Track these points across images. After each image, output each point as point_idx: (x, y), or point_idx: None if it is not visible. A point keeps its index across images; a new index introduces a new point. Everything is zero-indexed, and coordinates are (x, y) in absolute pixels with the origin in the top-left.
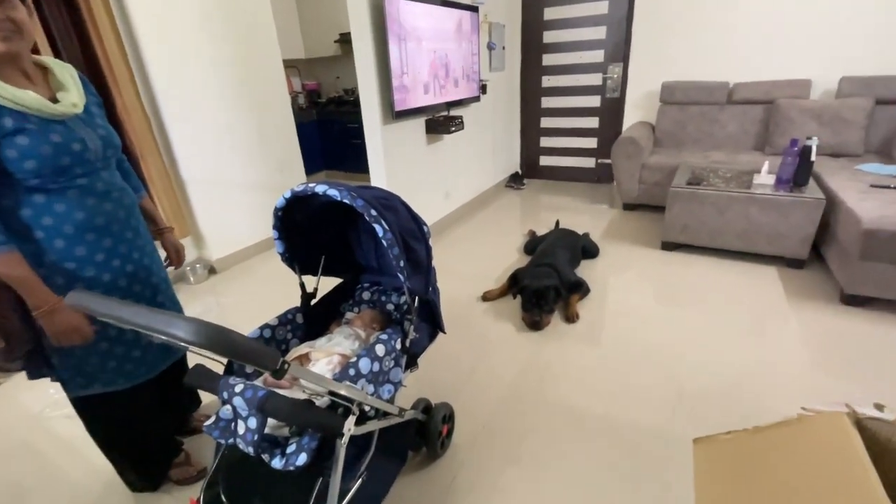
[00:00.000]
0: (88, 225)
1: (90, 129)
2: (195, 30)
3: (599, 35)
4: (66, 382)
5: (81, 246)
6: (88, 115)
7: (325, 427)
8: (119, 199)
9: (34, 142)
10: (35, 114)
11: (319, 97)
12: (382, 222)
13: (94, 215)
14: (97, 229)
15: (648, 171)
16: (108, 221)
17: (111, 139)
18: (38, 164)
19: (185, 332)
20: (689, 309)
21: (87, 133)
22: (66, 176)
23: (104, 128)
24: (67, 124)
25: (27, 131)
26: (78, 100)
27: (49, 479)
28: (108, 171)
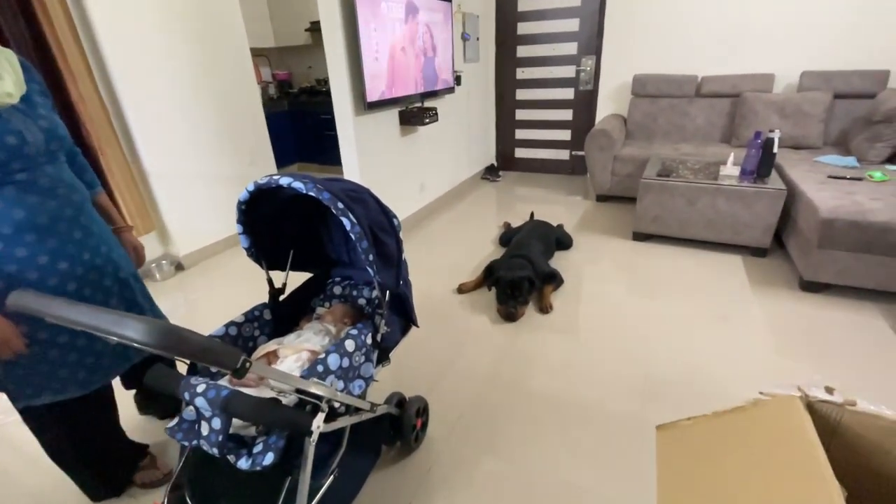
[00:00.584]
0: (29, 224)
1: (30, 120)
2: (154, 14)
3: (573, 27)
4: (12, 393)
5: (21, 247)
6: (28, 106)
7: (292, 425)
8: (66, 195)
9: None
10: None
11: (291, 87)
12: (350, 215)
13: (36, 214)
14: (39, 229)
15: (621, 162)
16: (53, 220)
17: (55, 131)
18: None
19: (136, 331)
20: (658, 298)
21: (26, 125)
22: (1, 171)
23: (47, 118)
24: (2, 115)
25: None
26: (14, 89)
27: (5, 488)
28: (54, 165)
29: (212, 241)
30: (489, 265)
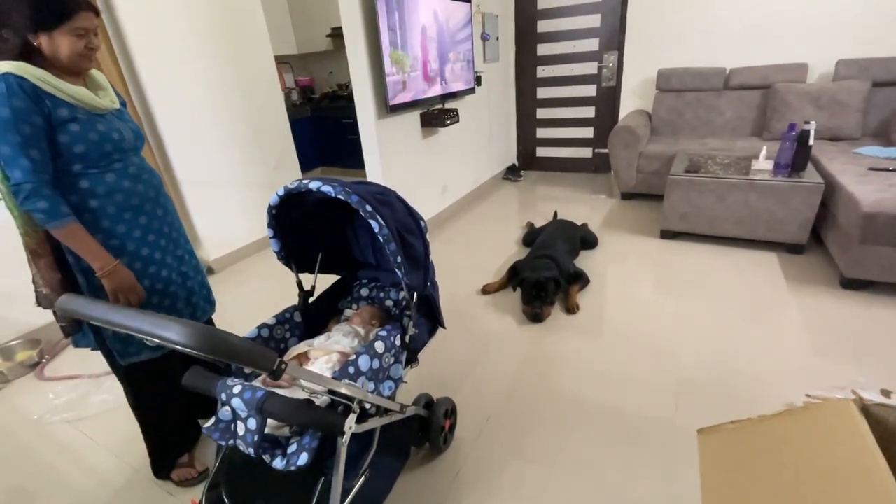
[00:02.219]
0: (126, 205)
1: (123, 122)
2: (184, 28)
3: (594, 23)
4: (119, 351)
5: (122, 224)
6: (120, 112)
7: (325, 426)
8: (149, 180)
9: (83, 129)
10: (84, 107)
11: (313, 93)
12: (378, 218)
13: (129, 196)
14: (133, 208)
15: (646, 159)
16: (142, 201)
17: (139, 132)
18: (86, 149)
19: (179, 335)
20: (688, 297)
21: (122, 126)
22: (105, 160)
23: (133, 122)
24: (107, 117)
25: (78, 121)
26: (114, 98)
27: (50, 484)
28: (137, 156)
29: (240, 245)
30: (513, 266)
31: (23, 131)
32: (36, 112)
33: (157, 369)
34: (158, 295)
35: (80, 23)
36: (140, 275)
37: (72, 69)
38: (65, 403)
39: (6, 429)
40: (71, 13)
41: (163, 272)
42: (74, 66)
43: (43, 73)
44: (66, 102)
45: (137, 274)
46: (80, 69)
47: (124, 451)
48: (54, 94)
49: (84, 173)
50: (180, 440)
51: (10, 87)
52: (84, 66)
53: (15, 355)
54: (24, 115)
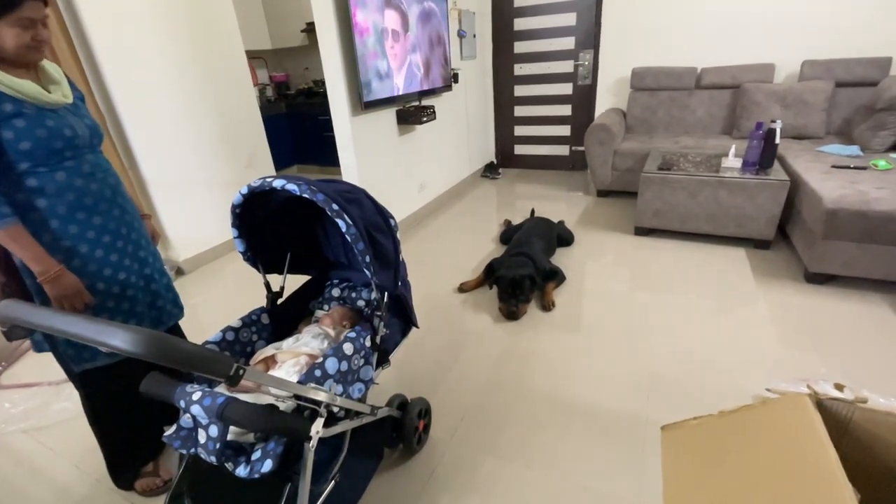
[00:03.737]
0: (78, 205)
1: (78, 118)
2: (149, 21)
3: (570, 21)
4: (72, 357)
5: (74, 225)
6: (75, 107)
7: (290, 432)
8: (104, 179)
9: (30, 125)
10: (31, 101)
11: (288, 89)
12: (346, 216)
13: (82, 195)
14: (86, 208)
15: (621, 157)
16: (96, 201)
17: (97, 129)
18: (33, 146)
19: (125, 341)
20: (662, 292)
21: (76, 122)
22: (55, 158)
23: (90, 118)
24: (59, 112)
25: (24, 115)
26: (67, 93)
27: (7, 498)
28: (94, 154)
29: (211, 245)
30: (490, 264)
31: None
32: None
33: (114, 375)
34: (114, 298)
35: (27, 13)
36: (94, 277)
37: (18, 62)
38: (22, 413)
39: None
40: (17, 2)
41: (120, 275)
42: (21, 58)
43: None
44: (10, 97)
45: (91, 276)
46: (28, 62)
47: (85, 461)
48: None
49: (32, 171)
50: (142, 448)
51: None
52: (32, 59)
53: None
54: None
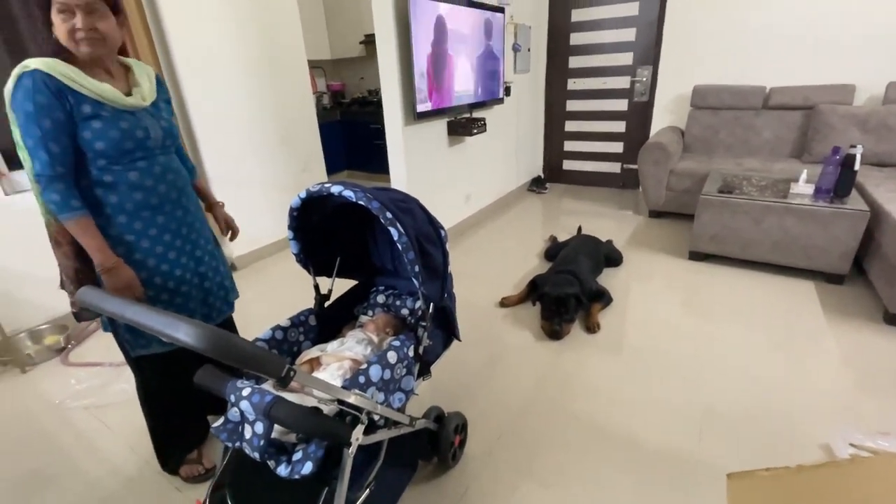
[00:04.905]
0: (145, 204)
1: (154, 120)
2: (224, 29)
3: (629, 37)
4: (129, 342)
5: (139, 221)
6: (155, 109)
7: (332, 436)
8: (173, 181)
9: (105, 126)
10: (109, 104)
11: (343, 97)
12: (398, 225)
13: (149, 196)
14: (152, 207)
15: (677, 177)
16: (162, 201)
17: (171, 130)
18: (106, 146)
19: (189, 335)
20: (717, 322)
21: (151, 123)
22: (128, 158)
23: (167, 121)
24: (136, 115)
25: (101, 117)
26: (148, 95)
27: (65, 469)
28: (166, 156)
29: (262, 244)
30: (534, 280)
31: (43, 126)
32: (58, 108)
33: (167, 364)
34: (169, 293)
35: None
36: (152, 272)
37: (79, 54)
38: (85, 389)
39: (29, 411)
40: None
41: (176, 271)
42: (76, 50)
43: (69, 69)
44: (91, 99)
45: (150, 270)
46: (84, 56)
47: (138, 443)
48: (79, 90)
49: (107, 169)
50: (187, 436)
51: (36, 83)
52: (84, 51)
53: (43, 339)
54: (46, 111)
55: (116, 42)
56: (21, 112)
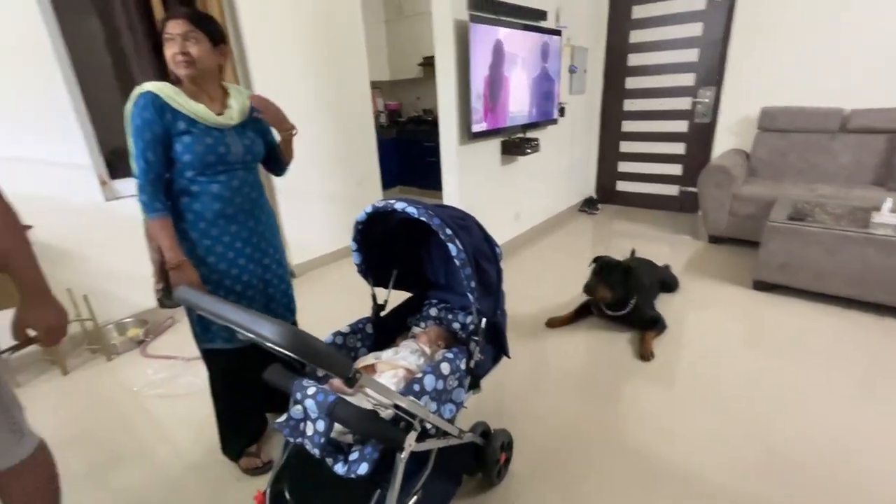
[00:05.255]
0: (222, 213)
1: (238, 138)
2: (297, 54)
3: (691, 58)
4: (198, 336)
5: (216, 229)
6: (242, 128)
7: (387, 439)
8: (248, 194)
9: (193, 141)
10: (201, 121)
11: (400, 116)
12: (457, 241)
13: (226, 206)
14: (227, 217)
15: (740, 202)
16: (236, 212)
17: (252, 148)
18: (192, 158)
19: (271, 333)
20: (784, 358)
21: (234, 141)
22: (210, 171)
23: (251, 139)
24: (222, 132)
25: (191, 133)
26: (237, 116)
27: (138, 450)
28: (246, 171)
29: (320, 253)
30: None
31: (145, 137)
32: (158, 123)
33: (229, 360)
34: (235, 295)
35: (169, 29)
36: (223, 274)
37: (180, 76)
38: (160, 380)
39: (111, 395)
40: (164, 21)
41: (244, 276)
42: (176, 71)
43: (173, 90)
44: (186, 116)
45: (220, 273)
46: (183, 76)
47: (203, 432)
48: (178, 108)
49: (194, 180)
50: (248, 428)
51: (146, 102)
52: (183, 73)
53: (126, 331)
54: (149, 125)
55: (207, 65)
56: (132, 125)
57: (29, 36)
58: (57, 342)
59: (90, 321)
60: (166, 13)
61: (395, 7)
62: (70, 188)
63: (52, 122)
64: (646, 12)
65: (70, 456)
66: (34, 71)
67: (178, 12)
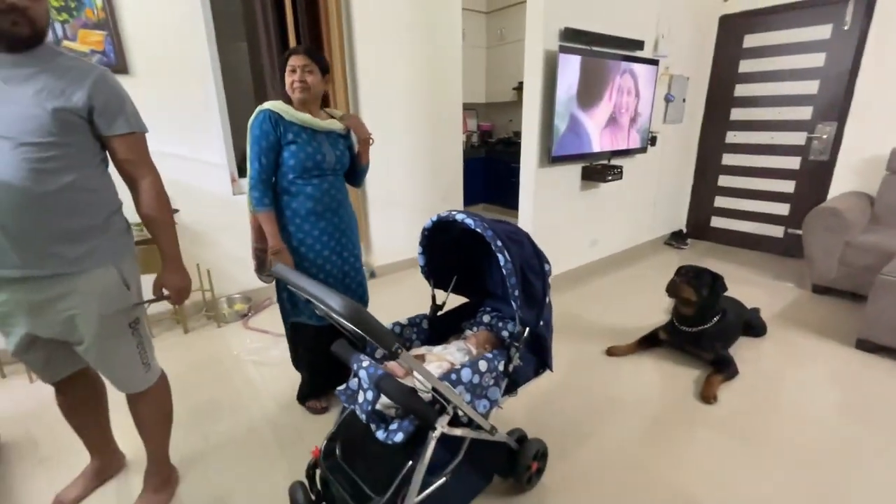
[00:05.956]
0: (313, 211)
1: (332, 148)
2: (401, 80)
3: (809, 90)
4: (287, 310)
5: (307, 223)
6: (335, 140)
7: (421, 415)
8: (335, 195)
9: (297, 149)
10: (308, 126)
11: (491, 137)
12: (506, 252)
13: (317, 204)
14: (317, 213)
15: (855, 251)
16: (324, 210)
17: (342, 159)
18: (295, 163)
19: (337, 304)
20: (884, 430)
21: (328, 150)
22: (307, 174)
23: (341, 151)
24: (320, 142)
25: (297, 143)
26: (335, 126)
27: (234, 401)
28: (335, 176)
29: (402, 258)
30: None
31: (261, 144)
32: (273, 133)
33: (307, 335)
34: (318, 279)
35: (292, 62)
36: (310, 262)
37: (294, 98)
38: (255, 349)
39: (218, 356)
40: (287, 57)
41: (326, 266)
42: (293, 95)
43: (287, 107)
44: (295, 127)
45: (309, 261)
46: (297, 99)
47: (282, 395)
48: (290, 119)
49: (294, 181)
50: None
51: (265, 117)
52: (297, 97)
53: (234, 305)
54: (265, 135)
55: (319, 91)
56: (251, 135)
57: (195, 55)
58: (182, 301)
59: (209, 292)
60: (290, 48)
61: (497, 35)
62: (208, 182)
63: (202, 127)
64: (760, 41)
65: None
66: (196, 84)
67: (299, 49)
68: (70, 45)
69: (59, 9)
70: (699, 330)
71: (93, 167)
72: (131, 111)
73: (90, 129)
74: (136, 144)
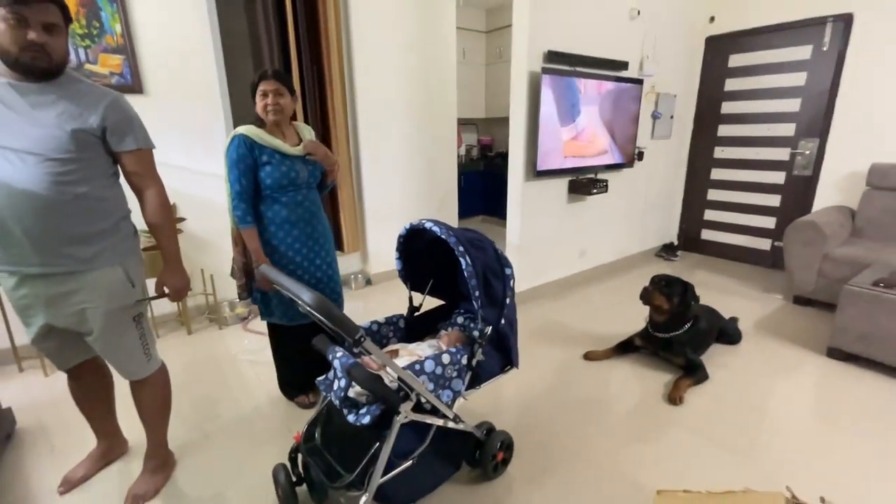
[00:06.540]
0: (288, 220)
1: (304, 165)
2: (397, 101)
3: (792, 108)
4: (263, 311)
5: (282, 232)
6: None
7: (386, 399)
8: (308, 207)
9: (272, 169)
10: (280, 152)
11: (490, 150)
12: (467, 257)
13: (291, 214)
14: (291, 223)
15: (833, 263)
16: (298, 220)
17: (314, 173)
18: (271, 181)
19: (307, 297)
20: (848, 434)
21: (301, 167)
22: (282, 190)
23: (314, 166)
24: (294, 162)
25: (271, 164)
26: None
27: (228, 396)
28: (308, 189)
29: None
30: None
31: (239, 167)
32: (249, 156)
33: (282, 333)
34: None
35: (262, 87)
36: (285, 266)
37: (267, 121)
38: (252, 350)
39: (217, 355)
40: (257, 82)
41: (298, 271)
42: (267, 118)
43: (259, 131)
44: (268, 150)
45: (283, 266)
46: (270, 121)
47: (272, 390)
48: (263, 144)
49: (272, 196)
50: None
51: (240, 142)
52: (271, 119)
53: (235, 309)
54: (243, 159)
55: (289, 112)
56: (229, 159)
57: (205, 76)
58: (180, 299)
59: (212, 296)
60: (259, 72)
61: (496, 53)
62: (214, 194)
63: (209, 143)
64: (745, 61)
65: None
66: (204, 102)
67: (267, 73)
68: (92, 67)
69: (82, 35)
70: (671, 336)
71: (105, 179)
72: (139, 130)
73: (103, 147)
74: (142, 159)
